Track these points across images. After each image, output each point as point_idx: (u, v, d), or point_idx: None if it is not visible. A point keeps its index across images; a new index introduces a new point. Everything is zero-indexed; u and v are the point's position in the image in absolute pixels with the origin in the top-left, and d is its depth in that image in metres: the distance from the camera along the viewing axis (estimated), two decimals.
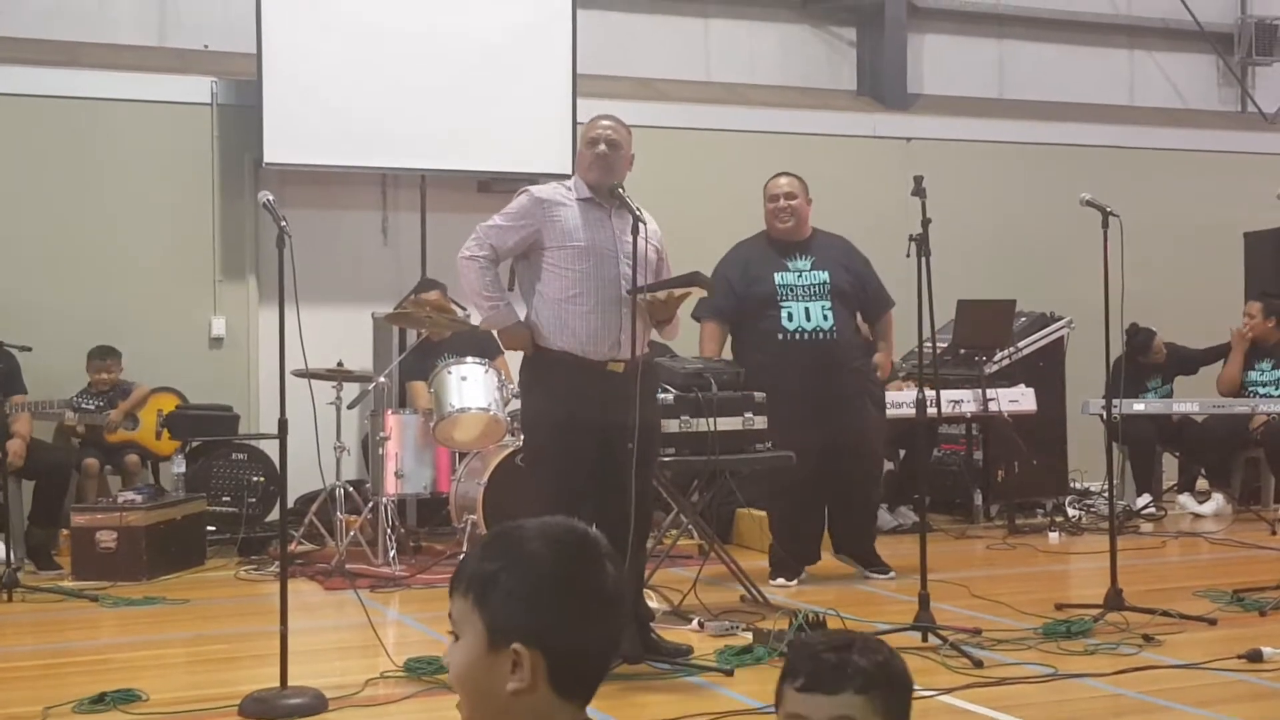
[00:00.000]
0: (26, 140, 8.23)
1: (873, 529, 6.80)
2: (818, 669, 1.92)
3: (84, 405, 7.57)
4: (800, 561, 6.53)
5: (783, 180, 6.56)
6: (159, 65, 8.60)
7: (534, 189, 4.96)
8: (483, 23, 8.71)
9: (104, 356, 7.80)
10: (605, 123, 4.94)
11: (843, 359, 6.42)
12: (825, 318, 6.37)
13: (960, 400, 8.13)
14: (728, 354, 6.59)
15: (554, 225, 4.81)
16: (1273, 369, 8.89)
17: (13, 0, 8.50)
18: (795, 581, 6.45)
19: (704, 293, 5.11)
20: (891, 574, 6.51)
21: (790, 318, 6.37)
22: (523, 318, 4.88)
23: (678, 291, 4.85)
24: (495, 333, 4.98)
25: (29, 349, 7.28)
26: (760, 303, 6.41)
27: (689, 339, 5.60)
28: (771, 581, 6.38)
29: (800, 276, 6.42)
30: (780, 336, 6.37)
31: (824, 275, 6.42)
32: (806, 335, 6.37)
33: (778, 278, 6.41)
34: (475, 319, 7.60)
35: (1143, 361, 9.00)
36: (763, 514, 7.41)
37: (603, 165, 4.86)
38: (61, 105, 8.27)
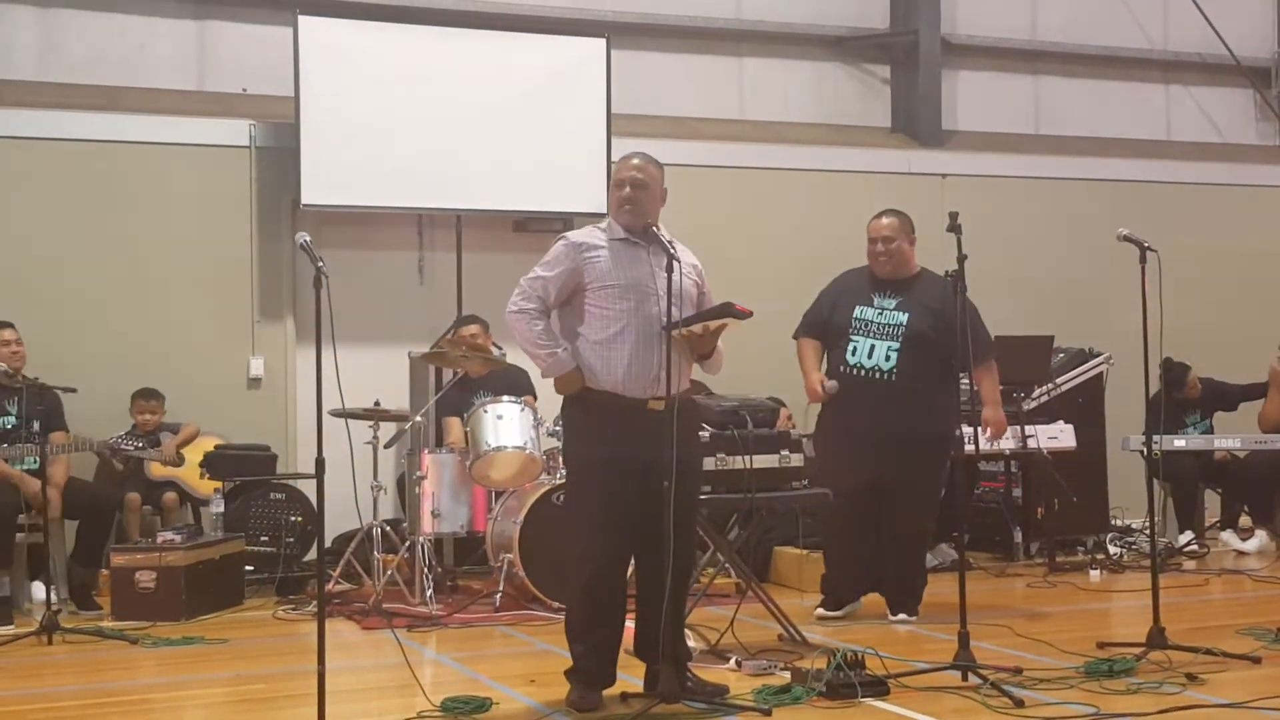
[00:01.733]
0: (68, 184, 8.33)
1: (910, 579, 6.48)
2: None
3: (124, 445, 7.62)
4: (842, 594, 6.49)
5: (884, 221, 6.47)
6: (198, 109, 8.70)
7: (568, 235, 4.96)
8: (518, 64, 8.78)
9: (148, 398, 7.95)
10: (633, 162, 4.95)
11: (901, 402, 6.26)
12: (887, 359, 6.31)
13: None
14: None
15: (592, 267, 4.81)
16: None
17: (54, 46, 8.62)
18: (837, 613, 6.44)
19: (739, 323, 5.09)
20: (912, 618, 6.38)
21: (854, 352, 6.37)
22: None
23: (713, 324, 4.84)
24: (552, 380, 4.96)
25: (74, 390, 7.33)
26: (837, 332, 6.46)
27: (729, 375, 5.57)
28: (817, 610, 6.42)
29: (881, 314, 6.39)
30: (841, 369, 6.42)
31: (903, 317, 6.34)
32: (864, 372, 6.35)
33: (857, 311, 6.42)
34: (511, 358, 7.69)
35: (1178, 397, 8.92)
36: (799, 552, 7.43)
37: (630, 207, 4.88)
38: (102, 149, 8.38)
